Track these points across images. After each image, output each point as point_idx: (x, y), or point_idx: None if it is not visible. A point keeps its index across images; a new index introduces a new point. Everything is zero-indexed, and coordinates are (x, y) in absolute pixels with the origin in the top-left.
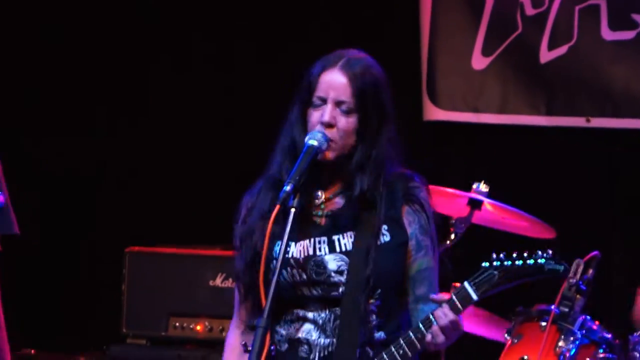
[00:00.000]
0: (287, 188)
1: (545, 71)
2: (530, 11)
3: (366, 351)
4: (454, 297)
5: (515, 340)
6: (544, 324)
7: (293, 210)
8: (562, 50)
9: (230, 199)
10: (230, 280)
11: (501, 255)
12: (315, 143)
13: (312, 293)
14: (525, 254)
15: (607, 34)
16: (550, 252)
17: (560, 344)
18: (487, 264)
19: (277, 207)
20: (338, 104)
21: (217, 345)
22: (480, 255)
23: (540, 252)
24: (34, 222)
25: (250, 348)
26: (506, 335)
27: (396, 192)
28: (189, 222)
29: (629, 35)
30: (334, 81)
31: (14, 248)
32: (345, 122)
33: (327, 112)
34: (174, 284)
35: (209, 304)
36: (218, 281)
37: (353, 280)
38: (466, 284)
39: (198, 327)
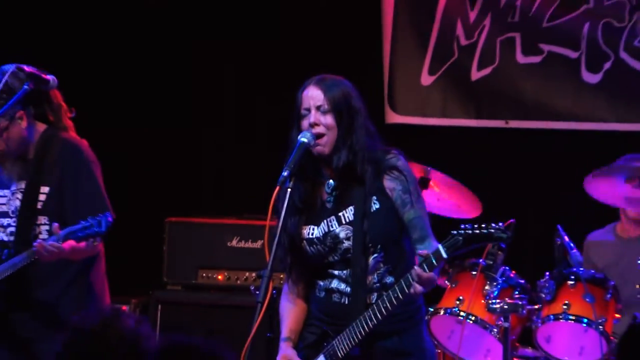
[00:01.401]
0: (285, 173)
1: (475, 86)
2: (464, 42)
3: (380, 293)
4: (430, 255)
5: (453, 285)
6: (474, 273)
7: (289, 190)
8: (488, 70)
9: (242, 183)
10: (243, 241)
11: (467, 225)
12: (305, 140)
13: (334, 258)
14: (483, 225)
15: (521, 59)
16: (501, 224)
17: (487, 287)
18: (455, 232)
19: (277, 188)
20: (318, 107)
21: (234, 290)
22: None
23: (493, 224)
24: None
25: (257, 292)
26: (446, 281)
27: (380, 166)
28: (212, 199)
29: (536, 59)
30: (312, 93)
31: None
32: (325, 119)
33: (312, 115)
34: (201, 245)
35: (227, 260)
36: (234, 242)
37: (357, 243)
38: (439, 246)
39: (219, 277)
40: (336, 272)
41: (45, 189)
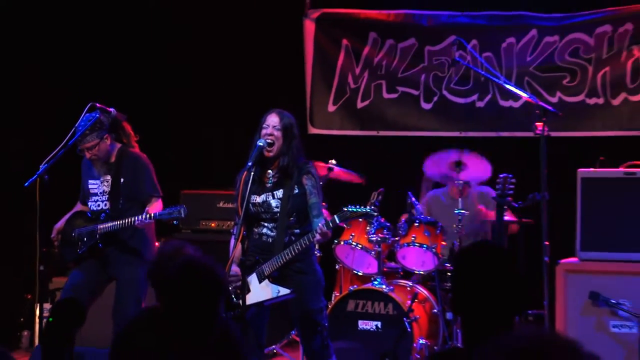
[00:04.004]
0: (249, 163)
1: (359, 112)
2: (352, 86)
3: (291, 238)
4: (329, 221)
5: (348, 227)
6: (360, 220)
7: (252, 174)
8: (366, 102)
9: (228, 167)
10: (227, 203)
11: (353, 205)
12: (261, 144)
13: (266, 216)
14: (362, 205)
15: (386, 95)
16: (373, 207)
17: (368, 228)
18: (345, 208)
19: (245, 173)
20: (274, 126)
21: (222, 232)
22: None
23: (369, 206)
24: None
25: (234, 233)
26: (344, 225)
27: (302, 169)
28: (208, 176)
29: (394, 96)
30: (273, 117)
31: None
32: (277, 133)
33: (270, 129)
34: (202, 205)
35: (218, 214)
36: (221, 204)
37: (282, 210)
38: (335, 216)
39: (213, 225)
40: (266, 224)
41: (121, 180)
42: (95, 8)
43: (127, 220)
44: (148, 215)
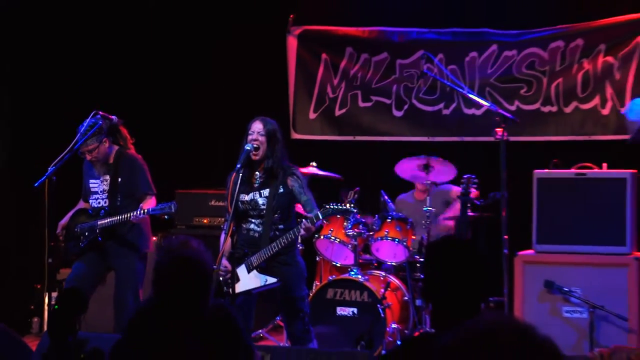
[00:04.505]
0: (238, 165)
1: (337, 118)
2: (331, 95)
3: (275, 233)
4: (312, 217)
5: (327, 222)
6: (338, 215)
7: (241, 175)
8: (344, 110)
9: (222, 168)
10: (218, 202)
11: (334, 203)
12: (248, 148)
13: (254, 213)
14: (344, 204)
15: (361, 104)
16: (352, 205)
17: (345, 224)
18: (327, 206)
19: (234, 174)
20: (259, 132)
21: (213, 228)
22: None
23: (348, 204)
24: None
25: (224, 228)
26: (323, 220)
27: (287, 172)
28: (203, 176)
29: (369, 104)
30: (257, 124)
31: None
32: (261, 139)
33: (255, 135)
34: (195, 203)
35: (210, 212)
36: (213, 202)
37: (268, 207)
38: (319, 212)
39: (205, 221)
40: (253, 220)
41: (119, 179)
42: (94, 11)
43: (123, 216)
44: (142, 211)
